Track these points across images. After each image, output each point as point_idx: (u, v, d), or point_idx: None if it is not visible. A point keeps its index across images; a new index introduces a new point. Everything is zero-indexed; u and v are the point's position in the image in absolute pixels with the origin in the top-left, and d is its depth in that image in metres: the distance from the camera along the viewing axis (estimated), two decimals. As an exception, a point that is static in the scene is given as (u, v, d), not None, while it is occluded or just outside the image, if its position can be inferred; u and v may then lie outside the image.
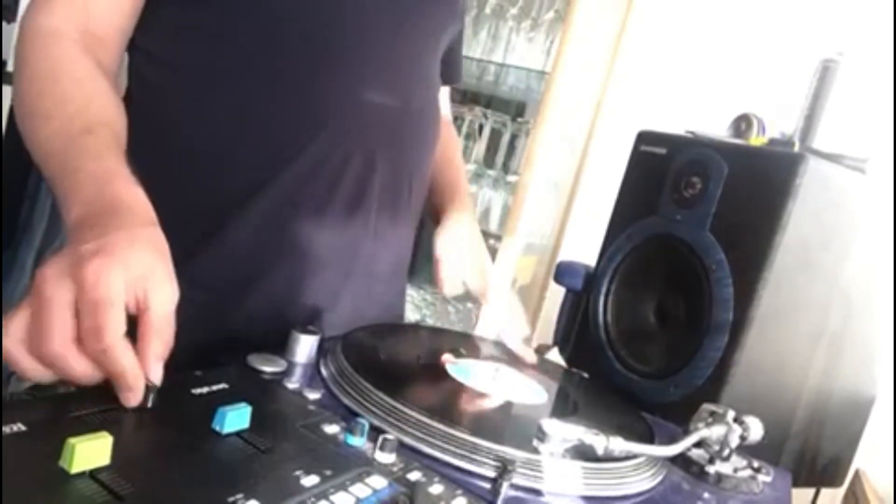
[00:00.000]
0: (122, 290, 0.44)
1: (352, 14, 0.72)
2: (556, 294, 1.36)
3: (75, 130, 0.57)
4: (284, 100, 0.70)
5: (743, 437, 0.62)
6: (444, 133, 0.97)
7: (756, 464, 0.63)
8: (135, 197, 0.53)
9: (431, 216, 0.92)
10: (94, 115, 0.60)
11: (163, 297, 0.47)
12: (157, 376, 0.45)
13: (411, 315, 2.06)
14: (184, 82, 0.71)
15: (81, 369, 0.43)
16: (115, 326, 0.43)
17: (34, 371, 0.44)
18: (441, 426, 0.51)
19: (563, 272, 1.30)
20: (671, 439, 0.59)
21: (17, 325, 0.43)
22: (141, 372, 0.44)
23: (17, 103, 0.64)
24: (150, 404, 0.45)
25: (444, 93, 1.01)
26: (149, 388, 0.45)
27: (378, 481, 0.43)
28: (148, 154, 0.59)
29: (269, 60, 0.70)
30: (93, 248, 0.45)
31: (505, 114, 2.04)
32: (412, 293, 2.08)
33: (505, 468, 0.47)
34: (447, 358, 0.68)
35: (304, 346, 0.62)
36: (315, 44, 0.70)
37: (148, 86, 0.72)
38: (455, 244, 0.85)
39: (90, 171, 0.53)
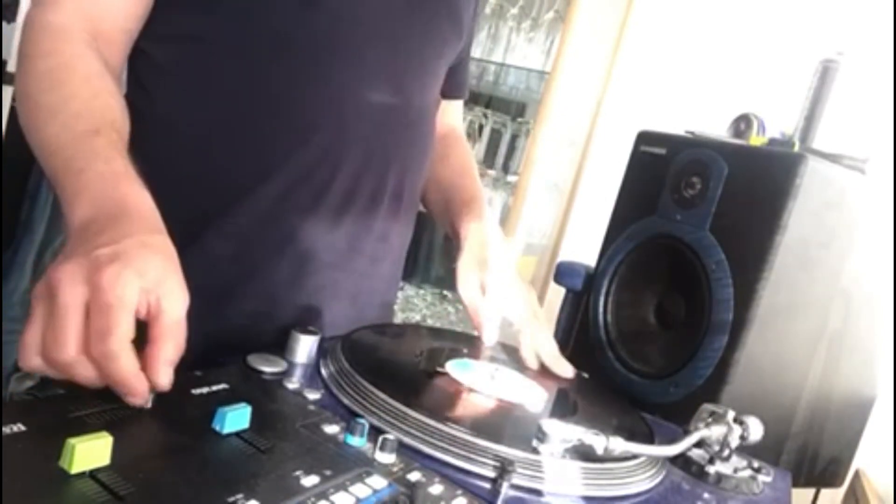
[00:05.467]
0: (136, 296, 0.45)
1: (346, 25, 0.71)
2: (556, 294, 1.36)
3: (81, 129, 0.56)
4: (270, 108, 0.69)
5: (743, 437, 0.62)
6: (460, 148, 0.96)
7: (756, 464, 0.63)
8: (143, 202, 0.52)
9: (451, 233, 0.89)
10: (102, 115, 0.59)
11: (175, 303, 0.47)
12: (166, 381, 0.45)
13: (411, 315, 2.06)
14: (175, 87, 0.71)
15: (88, 374, 0.43)
16: (124, 331, 0.43)
17: (45, 371, 0.44)
18: (441, 426, 0.51)
19: (563, 272, 1.30)
20: (671, 439, 0.59)
21: (32, 332, 0.43)
22: (143, 377, 0.44)
23: (21, 98, 0.62)
24: (149, 405, 0.45)
25: (458, 107, 1.00)
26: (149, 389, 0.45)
27: (378, 481, 0.43)
28: (138, 156, 0.58)
29: (258, 67, 0.69)
30: (109, 253, 0.45)
31: (505, 114, 2.05)
32: (412, 293, 2.08)
33: (505, 468, 0.47)
34: (448, 360, 0.67)
35: (304, 346, 0.62)
36: (307, 53, 0.69)
37: (143, 89, 0.72)
38: (474, 279, 0.78)
39: (98, 172, 0.53)
